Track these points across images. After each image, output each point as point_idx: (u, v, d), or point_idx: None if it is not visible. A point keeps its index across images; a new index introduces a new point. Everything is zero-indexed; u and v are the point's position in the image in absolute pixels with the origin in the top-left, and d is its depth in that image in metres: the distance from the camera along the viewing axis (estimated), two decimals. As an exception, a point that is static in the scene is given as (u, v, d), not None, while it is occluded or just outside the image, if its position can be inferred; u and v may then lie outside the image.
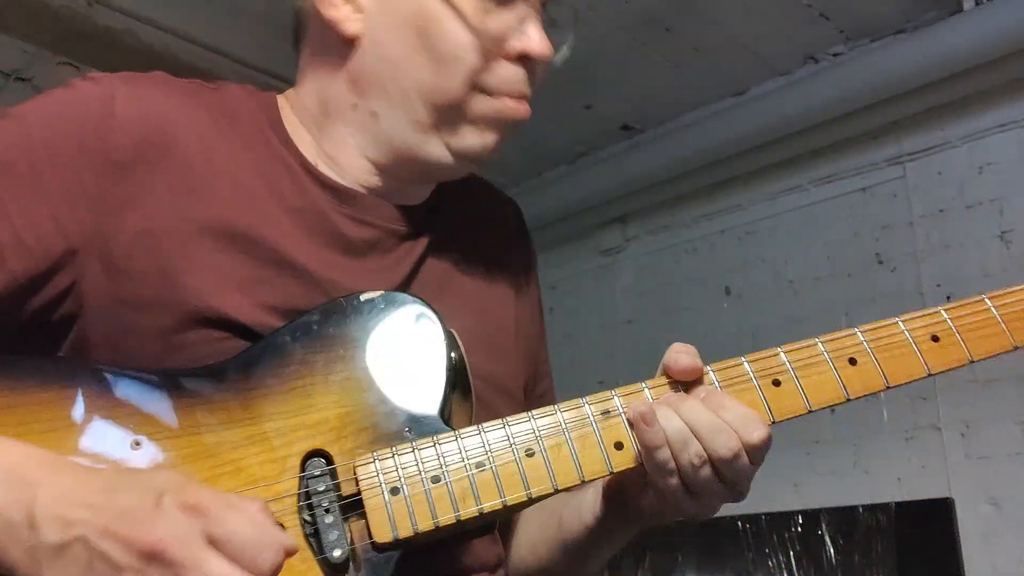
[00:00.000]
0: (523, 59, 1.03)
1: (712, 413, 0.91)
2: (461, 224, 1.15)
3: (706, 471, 0.90)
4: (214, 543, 0.73)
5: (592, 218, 4.25)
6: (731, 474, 0.91)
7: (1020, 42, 2.97)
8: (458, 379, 0.94)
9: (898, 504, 3.07)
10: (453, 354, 0.94)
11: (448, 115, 1.02)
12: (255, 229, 0.95)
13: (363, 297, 0.94)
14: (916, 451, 3.23)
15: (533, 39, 1.02)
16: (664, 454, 0.90)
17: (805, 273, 3.66)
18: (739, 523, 3.27)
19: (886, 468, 3.28)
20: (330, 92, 1.06)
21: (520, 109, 1.04)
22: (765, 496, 3.20)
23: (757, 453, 0.91)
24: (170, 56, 3.36)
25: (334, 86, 1.05)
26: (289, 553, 0.77)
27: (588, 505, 1.07)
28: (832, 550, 3.11)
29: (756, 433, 0.90)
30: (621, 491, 1.02)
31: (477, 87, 1.01)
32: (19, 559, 0.74)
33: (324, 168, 1.04)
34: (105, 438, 0.84)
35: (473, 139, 1.03)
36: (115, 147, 0.92)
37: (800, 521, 3.20)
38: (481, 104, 1.02)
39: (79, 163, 0.91)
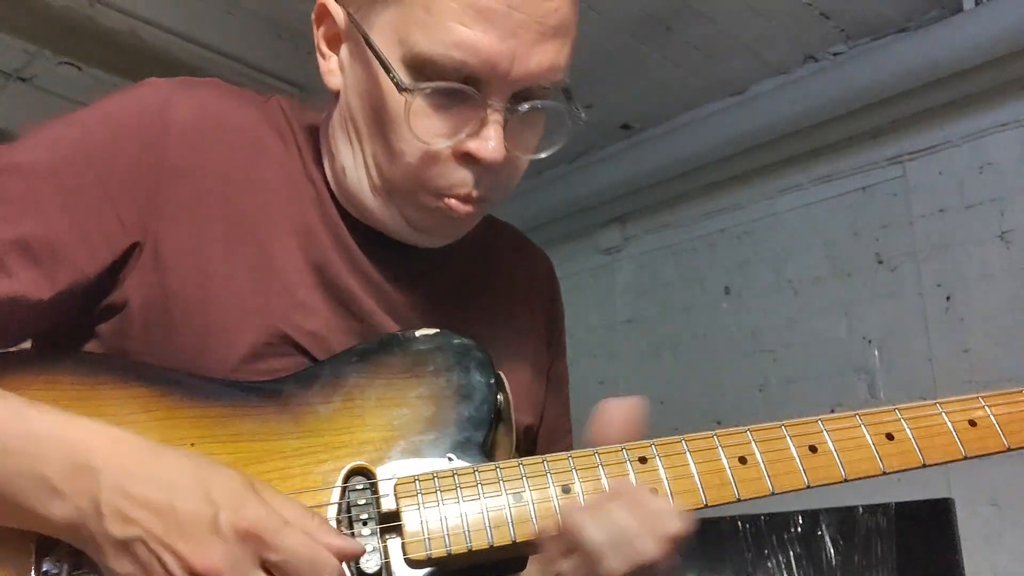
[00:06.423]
0: (470, 159, 0.94)
1: (634, 518, 0.87)
2: (482, 273, 1.13)
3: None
4: (269, 568, 0.78)
5: (591, 217, 4.25)
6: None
7: (1020, 42, 2.96)
8: (502, 419, 0.98)
9: (898, 504, 3.06)
10: (500, 396, 0.98)
11: (400, 194, 0.97)
12: (275, 250, 0.97)
13: (419, 333, 0.99)
14: (916, 451, 3.23)
15: (482, 141, 0.92)
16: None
17: (805, 273, 3.65)
18: (739, 523, 3.27)
19: (886, 468, 3.27)
20: (325, 133, 1.05)
21: (462, 210, 0.96)
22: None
23: (676, 544, 0.88)
24: (171, 56, 3.36)
25: (326, 130, 1.04)
26: (350, 557, 0.83)
27: None
28: (832, 550, 3.11)
29: (672, 526, 0.87)
30: None
31: (423, 185, 0.95)
32: (89, 542, 0.79)
33: (343, 199, 1.03)
34: (164, 438, 0.88)
35: (425, 221, 0.99)
36: (173, 152, 0.94)
37: (800, 521, 3.20)
38: (427, 199, 0.96)
39: (138, 168, 0.93)
